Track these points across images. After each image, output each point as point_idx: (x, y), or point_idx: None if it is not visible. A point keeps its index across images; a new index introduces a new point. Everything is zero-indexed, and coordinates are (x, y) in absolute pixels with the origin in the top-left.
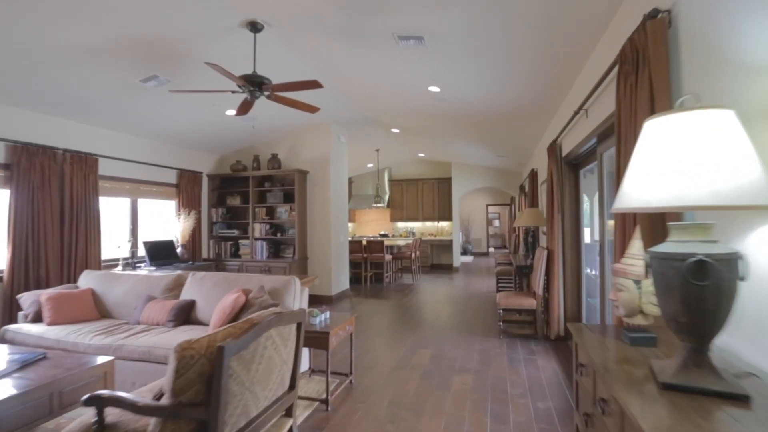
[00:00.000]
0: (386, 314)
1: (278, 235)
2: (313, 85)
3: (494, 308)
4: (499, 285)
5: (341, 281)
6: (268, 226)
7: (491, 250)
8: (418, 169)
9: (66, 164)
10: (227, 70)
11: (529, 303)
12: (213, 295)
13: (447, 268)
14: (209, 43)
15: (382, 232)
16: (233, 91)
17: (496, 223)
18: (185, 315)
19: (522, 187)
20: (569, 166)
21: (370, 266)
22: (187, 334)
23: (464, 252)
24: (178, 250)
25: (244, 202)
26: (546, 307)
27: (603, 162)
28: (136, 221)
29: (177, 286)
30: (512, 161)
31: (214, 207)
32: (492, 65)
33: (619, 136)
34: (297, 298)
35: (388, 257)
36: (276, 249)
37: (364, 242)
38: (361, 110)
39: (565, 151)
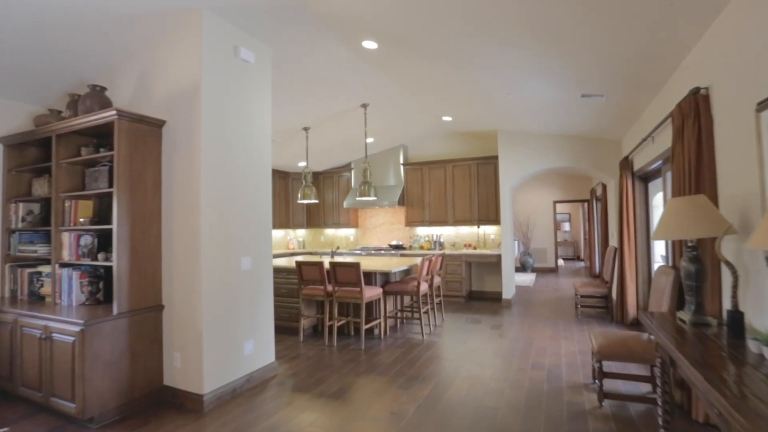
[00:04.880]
0: None
1: (108, 254)
2: None
3: None
4: (604, 381)
5: (246, 355)
6: (89, 238)
7: (561, 263)
8: (445, 145)
9: None
10: None
11: None
12: None
13: (493, 300)
14: None
15: (394, 242)
16: None
17: (566, 226)
18: None
19: (627, 164)
20: None
21: (343, 309)
22: None
23: (522, 267)
24: None
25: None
26: None
27: None
28: None
29: None
30: (613, 109)
31: (15, 201)
32: None
33: None
34: None
35: (372, 293)
36: (109, 285)
37: (327, 265)
38: None
39: None
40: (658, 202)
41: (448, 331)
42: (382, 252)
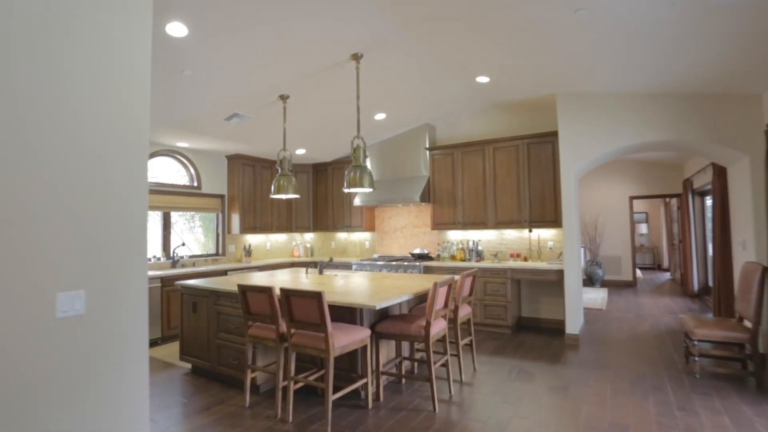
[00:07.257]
0: None
1: None
2: None
3: None
4: None
5: None
6: None
7: (639, 275)
8: (484, 122)
9: None
10: None
11: None
12: None
13: (552, 333)
14: None
15: (417, 251)
16: None
17: (642, 228)
18: None
19: None
20: None
21: (316, 359)
22: None
23: (589, 281)
24: None
25: None
26: None
27: None
28: None
29: None
30: (764, 27)
31: None
32: None
33: None
34: None
35: (348, 339)
36: None
37: (278, 292)
38: None
39: None
40: None
41: (479, 394)
42: (405, 263)
